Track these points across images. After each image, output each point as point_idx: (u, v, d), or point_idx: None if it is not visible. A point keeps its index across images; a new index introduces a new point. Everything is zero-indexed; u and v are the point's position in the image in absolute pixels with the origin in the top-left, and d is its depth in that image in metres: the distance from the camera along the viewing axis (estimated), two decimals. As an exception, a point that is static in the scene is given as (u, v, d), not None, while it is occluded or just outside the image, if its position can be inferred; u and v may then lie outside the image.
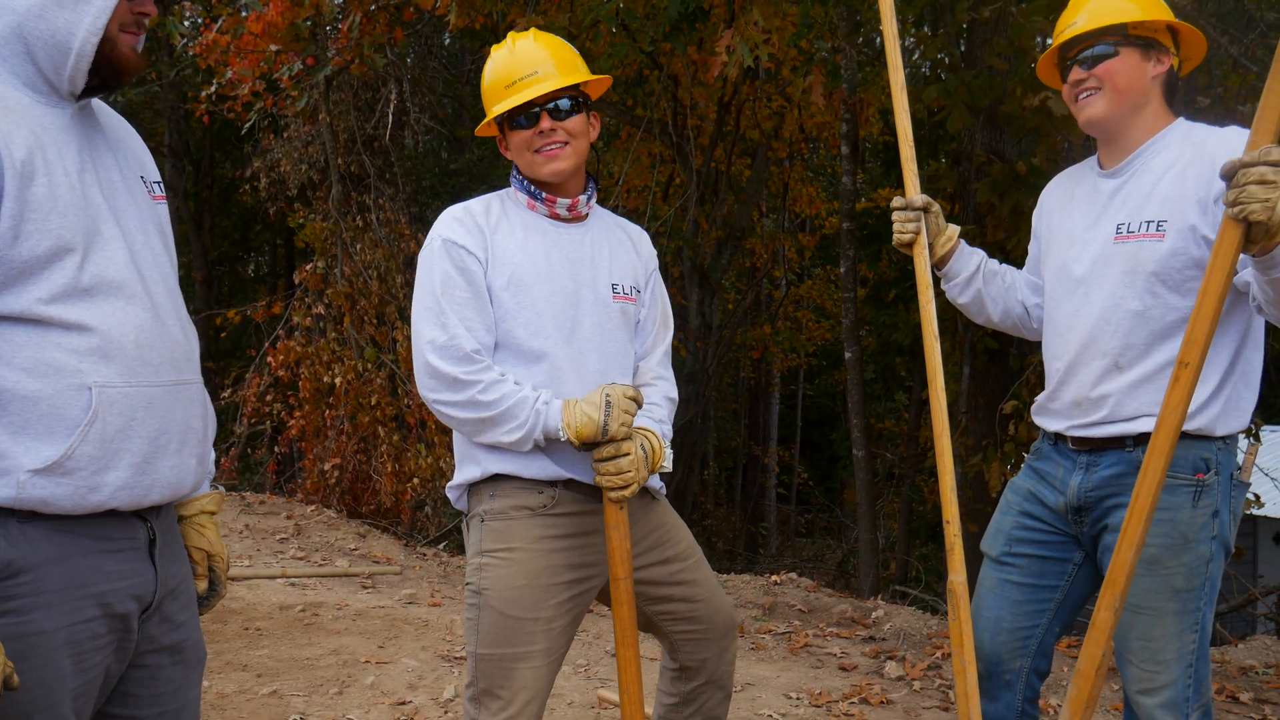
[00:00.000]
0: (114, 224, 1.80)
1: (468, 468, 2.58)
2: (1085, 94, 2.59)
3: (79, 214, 1.73)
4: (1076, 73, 2.59)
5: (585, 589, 2.59)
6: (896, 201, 2.85)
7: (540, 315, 2.52)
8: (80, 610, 1.74)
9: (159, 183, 2.02)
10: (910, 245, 2.82)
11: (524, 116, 2.54)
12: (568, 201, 2.61)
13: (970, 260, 2.92)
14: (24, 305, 1.67)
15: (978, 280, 2.92)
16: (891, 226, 2.87)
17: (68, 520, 1.73)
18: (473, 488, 2.60)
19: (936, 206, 2.85)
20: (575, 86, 2.58)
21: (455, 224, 2.54)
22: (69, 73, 1.73)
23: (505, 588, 2.48)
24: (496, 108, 2.56)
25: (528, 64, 2.55)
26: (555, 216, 2.63)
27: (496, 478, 2.53)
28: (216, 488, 2.19)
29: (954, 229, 2.90)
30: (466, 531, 2.62)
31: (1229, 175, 2.11)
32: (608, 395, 2.44)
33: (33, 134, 1.71)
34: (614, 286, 2.65)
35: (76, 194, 1.74)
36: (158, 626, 1.90)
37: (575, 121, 2.56)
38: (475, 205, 2.61)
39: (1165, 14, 2.56)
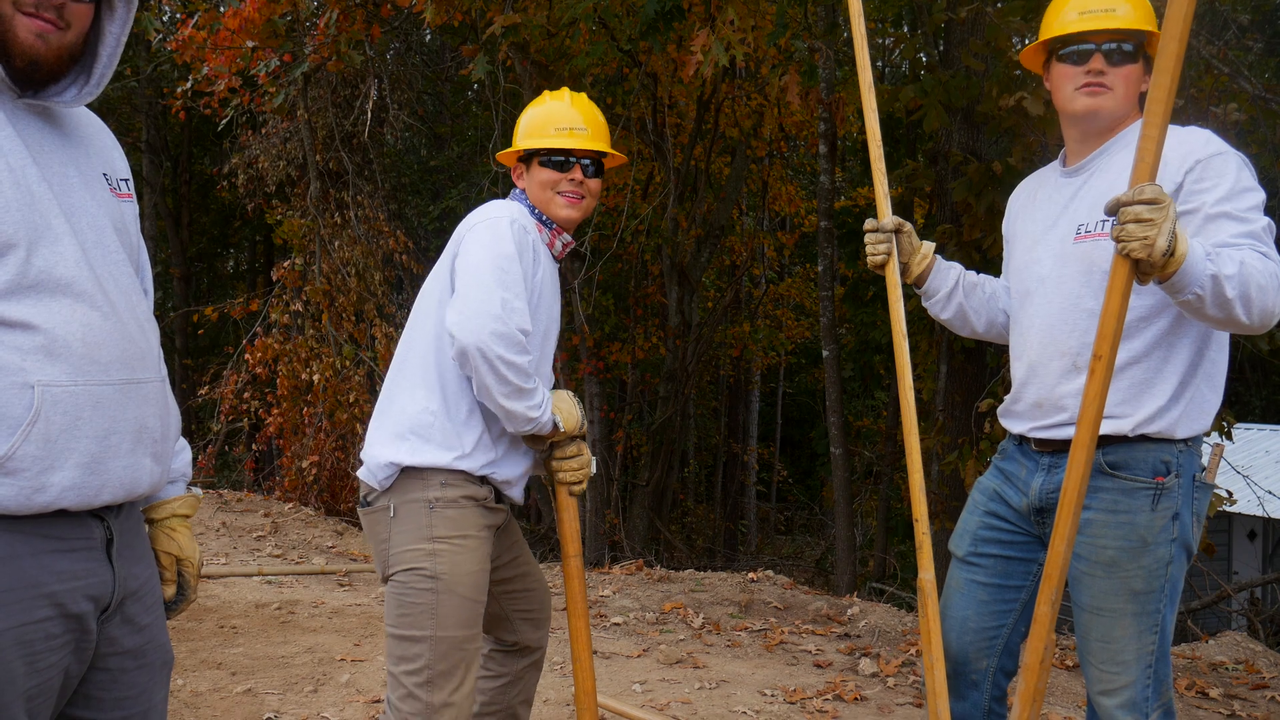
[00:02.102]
0: (64, 220, 1.76)
1: (431, 451, 2.67)
2: (1099, 87, 2.53)
3: (22, 210, 1.70)
4: (1099, 62, 2.52)
5: None
6: (868, 224, 2.85)
7: (532, 344, 2.74)
8: (31, 610, 1.71)
9: (126, 180, 1.99)
10: (882, 267, 2.83)
11: (557, 159, 2.82)
12: (563, 244, 2.90)
13: (949, 276, 2.91)
14: None
15: (958, 294, 2.92)
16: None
17: (15, 520, 1.70)
18: (413, 471, 2.68)
19: (909, 226, 2.85)
20: (602, 155, 2.89)
21: (522, 232, 2.71)
22: None
23: (465, 572, 2.66)
24: (542, 139, 2.83)
25: (578, 119, 2.87)
26: (551, 248, 2.89)
27: (453, 470, 2.70)
28: (193, 489, 2.15)
29: (929, 246, 2.89)
30: (390, 515, 2.69)
31: (1112, 212, 2.15)
32: (574, 396, 2.79)
33: None
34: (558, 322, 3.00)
35: (20, 190, 1.71)
36: (119, 628, 1.87)
37: (596, 184, 2.88)
38: (526, 221, 2.78)
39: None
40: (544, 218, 2.84)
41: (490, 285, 2.58)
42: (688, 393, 13.48)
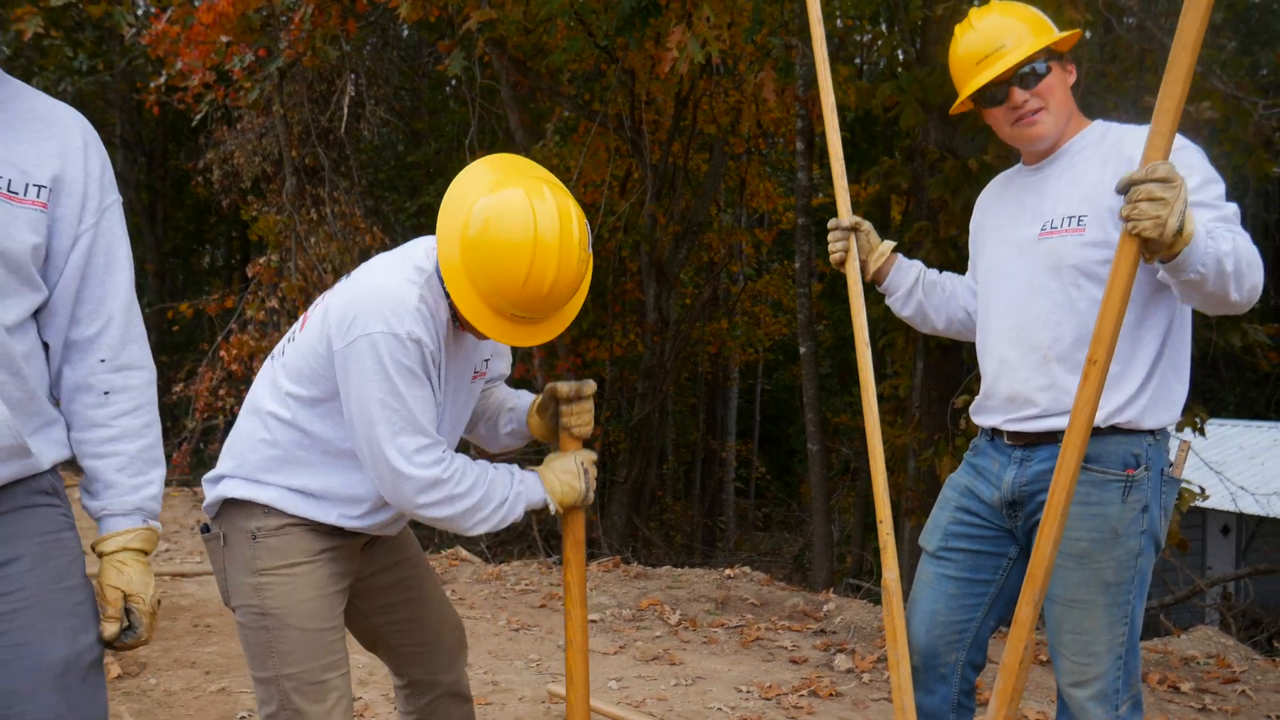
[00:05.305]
0: None
1: (250, 487, 2.41)
2: (1032, 114, 2.61)
3: None
4: (1018, 95, 2.59)
5: (346, 595, 2.56)
6: (830, 223, 2.97)
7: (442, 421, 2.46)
8: None
9: (39, 186, 1.94)
10: (843, 264, 2.95)
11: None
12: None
13: (909, 274, 3.00)
14: None
15: (918, 292, 2.99)
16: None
17: None
18: (235, 504, 2.44)
19: (867, 225, 2.97)
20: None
21: (428, 320, 2.29)
22: None
23: (298, 602, 2.39)
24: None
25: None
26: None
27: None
28: (148, 524, 2.09)
29: (887, 245, 2.98)
30: (221, 545, 2.45)
31: (1123, 190, 2.15)
32: (583, 463, 2.53)
33: None
34: (475, 370, 2.61)
35: None
36: None
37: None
38: (430, 305, 2.32)
39: (1057, 33, 2.61)
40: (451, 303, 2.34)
41: (384, 440, 2.25)
42: (666, 389, 13.49)
